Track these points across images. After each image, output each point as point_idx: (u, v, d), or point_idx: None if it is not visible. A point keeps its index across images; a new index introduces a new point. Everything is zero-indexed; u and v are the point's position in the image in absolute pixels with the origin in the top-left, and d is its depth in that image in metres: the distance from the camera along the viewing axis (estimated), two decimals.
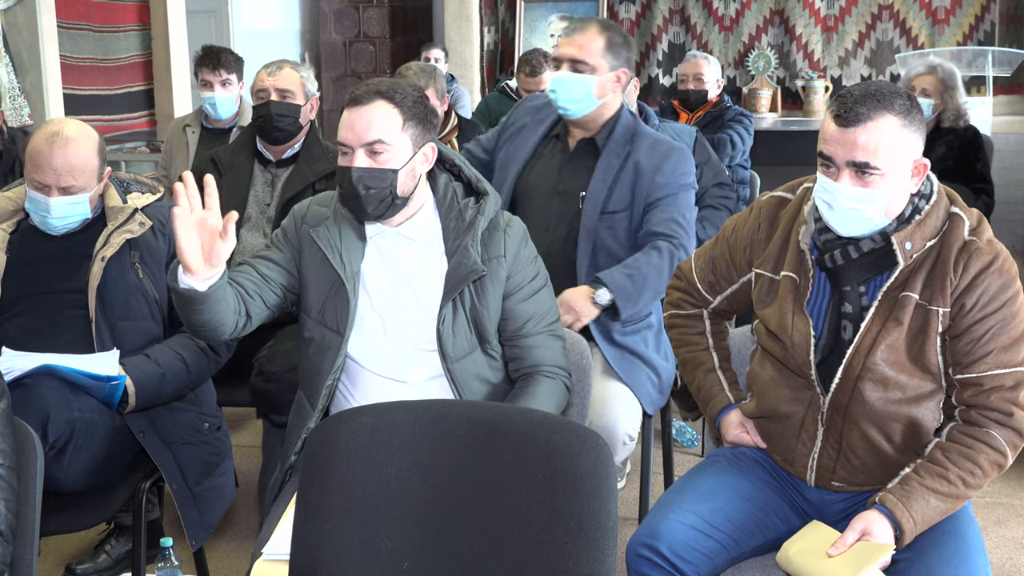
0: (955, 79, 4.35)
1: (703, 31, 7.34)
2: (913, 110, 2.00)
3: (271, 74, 3.54)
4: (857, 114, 1.96)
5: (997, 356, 2.01)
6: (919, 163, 2.02)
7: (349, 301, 2.27)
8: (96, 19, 6.26)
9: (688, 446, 4.00)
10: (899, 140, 1.97)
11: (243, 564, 3.09)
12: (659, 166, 2.87)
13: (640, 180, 2.87)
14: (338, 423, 1.88)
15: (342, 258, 2.28)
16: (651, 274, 2.78)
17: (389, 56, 7.55)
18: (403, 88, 2.24)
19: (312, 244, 2.30)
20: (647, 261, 2.79)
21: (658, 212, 2.85)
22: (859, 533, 2.00)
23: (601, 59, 2.88)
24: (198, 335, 2.25)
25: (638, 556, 2.04)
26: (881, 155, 1.96)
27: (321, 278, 2.30)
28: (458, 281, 2.27)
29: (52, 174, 2.55)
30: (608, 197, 2.89)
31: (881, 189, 1.98)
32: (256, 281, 2.29)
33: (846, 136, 1.97)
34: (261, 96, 3.52)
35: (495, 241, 2.32)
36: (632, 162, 2.89)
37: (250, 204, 3.45)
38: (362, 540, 1.81)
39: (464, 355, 2.29)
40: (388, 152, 2.20)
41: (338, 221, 2.31)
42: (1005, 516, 3.46)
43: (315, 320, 2.31)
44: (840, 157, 1.99)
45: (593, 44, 2.89)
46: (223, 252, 2.03)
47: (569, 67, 2.89)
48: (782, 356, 2.17)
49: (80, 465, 2.45)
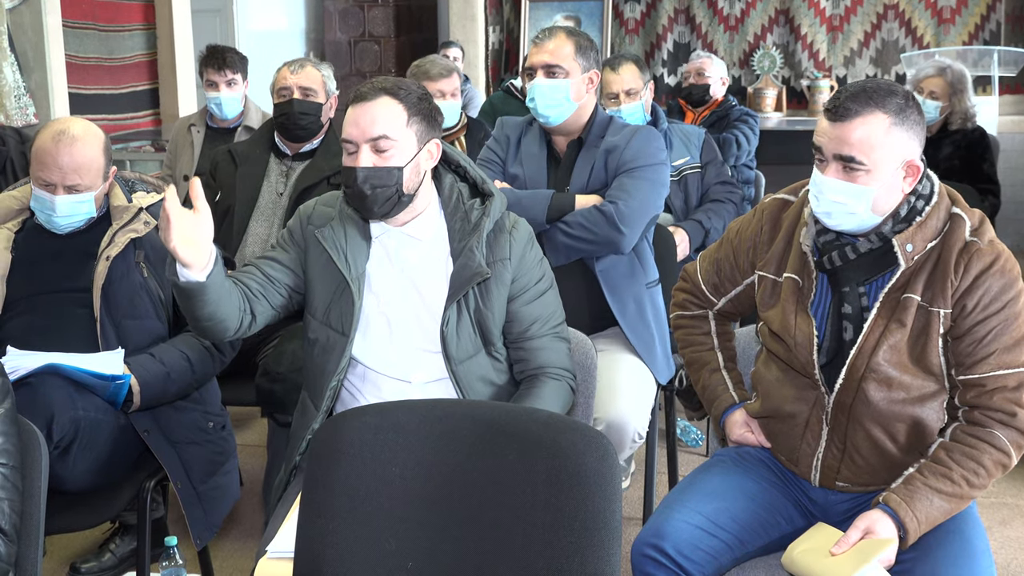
0: (964, 82, 4.33)
1: (708, 30, 7.34)
2: (908, 110, 1.99)
3: (294, 72, 3.55)
4: (847, 109, 1.98)
5: (999, 357, 2.01)
6: (912, 164, 2.02)
7: (354, 303, 2.26)
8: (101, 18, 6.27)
9: (692, 446, 4.00)
10: (887, 138, 1.98)
11: (248, 563, 3.10)
12: (627, 143, 2.97)
13: (611, 157, 2.97)
14: (342, 422, 1.88)
15: (347, 259, 2.28)
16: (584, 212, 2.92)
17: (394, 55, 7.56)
18: (407, 85, 2.25)
19: (317, 245, 2.30)
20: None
21: (618, 179, 2.95)
22: (862, 532, 2.00)
23: (573, 62, 2.96)
24: (204, 333, 2.26)
25: (643, 556, 2.04)
26: (867, 151, 1.98)
27: (326, 279, 2.30)
28: (462, 283, 2.27)
29: (58, 173, 2.55)
30: (588, 181, 2.98)
31: (867, 184, 1.99)
32: (261, 281, 2.29)
33: (835, 130, 2.00)
34: (283, 94, 3.53)
35: (500, 243, 2.32)
36: (604, 148, 2.99)
37: (263, 194, 3.48)
38: (366, 539, 1.81)
39: (468, 357, 2.29)
40: (393, 148, 2.21)
41: (343, 221, 2.31)
42: (1010, 516, 3.46)
43: (320, 321, 2.31)
44: (828, 150, 2.01)
45: (563, 49, 2.96)
46: (204, 229, 2.06)
47: (544, 74, 2.96)
48: (786, 357, 2.17)
49: (85, 464, 2.45)
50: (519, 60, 7.39)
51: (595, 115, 3.04)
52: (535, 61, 2.97)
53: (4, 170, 3.69)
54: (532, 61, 2.99)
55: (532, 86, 2.96)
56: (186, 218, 2.04)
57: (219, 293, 2.14)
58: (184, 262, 2.05)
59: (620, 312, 2.95)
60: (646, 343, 2.98)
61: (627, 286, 2.97)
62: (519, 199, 2.91)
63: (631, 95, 3.82)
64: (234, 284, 2.23)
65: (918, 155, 2.03)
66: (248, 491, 3.53)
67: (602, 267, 2.95)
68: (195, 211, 2.05)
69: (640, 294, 2.99)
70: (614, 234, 2.88)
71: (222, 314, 2.17)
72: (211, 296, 2.12)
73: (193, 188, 2.07)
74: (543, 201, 2.92)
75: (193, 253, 2.05)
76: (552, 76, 2.94)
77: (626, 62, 3.89)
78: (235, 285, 2.23)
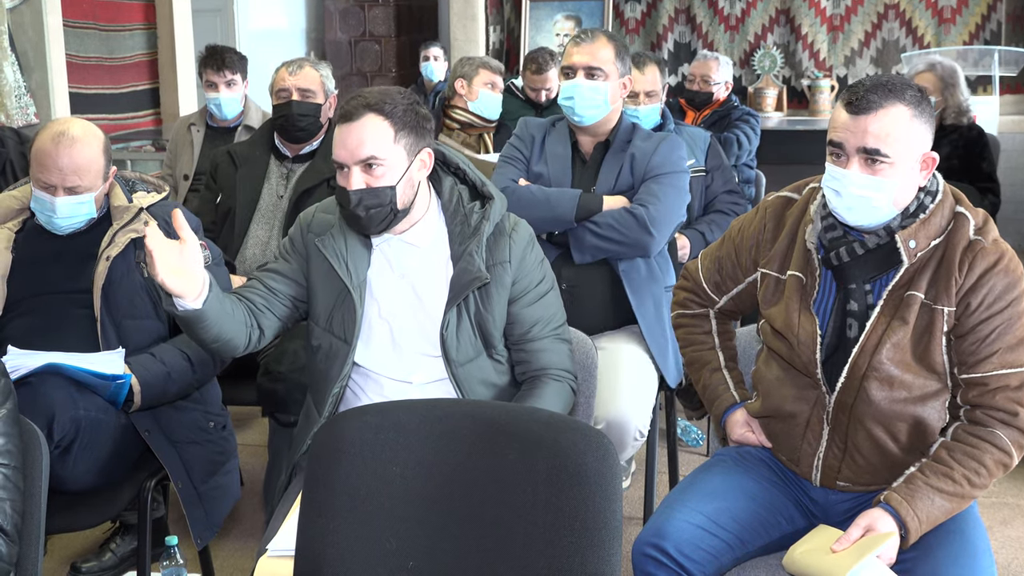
0: (955, 76, 4.34)
1: (709, 30, 7.33)
2: (923, 102, 2.00)
3: (292, 73, 3.53)
4: (869, 101, 1.97)
5: (1002, 356, 2.01)
6: (928, 156, 2.02)
7: (356, 310, 2.27)
8: (102, 18, 6.26)
9: (693, 446, 4.00)
10: (909, 130, 1.98)
11: (248, 563, 3.10)
12: (655, 149, 3.02)
13: (637, 162, 3.02)
14: (343, 422, 1.88)
15: (348, 267, 2.28)
16: (615, 214, 2.96)
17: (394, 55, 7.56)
18: (392, 98, 2.22)
19: (319, 253, 2.30)
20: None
21: (645, 184, 3.01)
22: (863, 529, 2.00)
23: (612, 66, 3.02)
24: (215, 355, 2.27)
25: (644, 555, 2.04)
26: (892, 143, 1.97)
27: (328, 287, 2.30)
28: (462, 288, 2.27)
29: (58, 174, 2.55)
30: (615, 183, 3.02)
31: (890, 178, 1.99)
32: (263, 295, 2.30)
33: (857, 123, 1.99)
34: (282, 96, 3.51)
35: (500, 246, 2.31)
36: (630, 153, 3.03)
37: (263, 196, 3.47)
38: (367, 539, 1.81)
39: (469, 360, 2.29)
40: (382, 167, 2.20)
41: (343, 229, 2.31)
42: (1011, 516, 3.46)
43: (323, 328, 2.31)
44: (851, 144, 2.00)
45: (605, 52, 3.02)
46: (191, 257, 2.05)
47: (585, 74, 3.00)
48: (788, 355, 2.17)
49: (85, 464, 2.45)
50: (519, 60, 7.38)
51: (621, 119, 3.10)
52: (576, 61, 3.02)
53: (4, 171, 3.69)
54: (572, 61, 3.03)
55: (572, 86, 3.00)
56: (171, 249, 2.03)
57: (219, 316, 2.14)
58: (174, 293, 2.04)
59: (640, 311, 2.99)
60: (660, 345, 3.01)
61: (648, 287, 3.02)
62: (547, 196, 2.96)
63: (651, 96, 3.82)
64: (237, 301, 2.23)
65: (931, 148, 2.04)
66: (248, 491, 3.53)
67: (624, 267, 2.99)
68: (181, 241, 2.05)
69: (659, 295, 3.03)
70: (645, 237, 2.92)
71: (228, 334, 2.18)
72: (211, 321, 2.12)
73: (176, 220, 2.06)
74: (571, 200, 2.96)
75: (183, 283, 2.04)
76: (592, 78, 3.00)
77: (651, 63, 3.87)
78: (239, 302, 2.23)
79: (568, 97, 3.01)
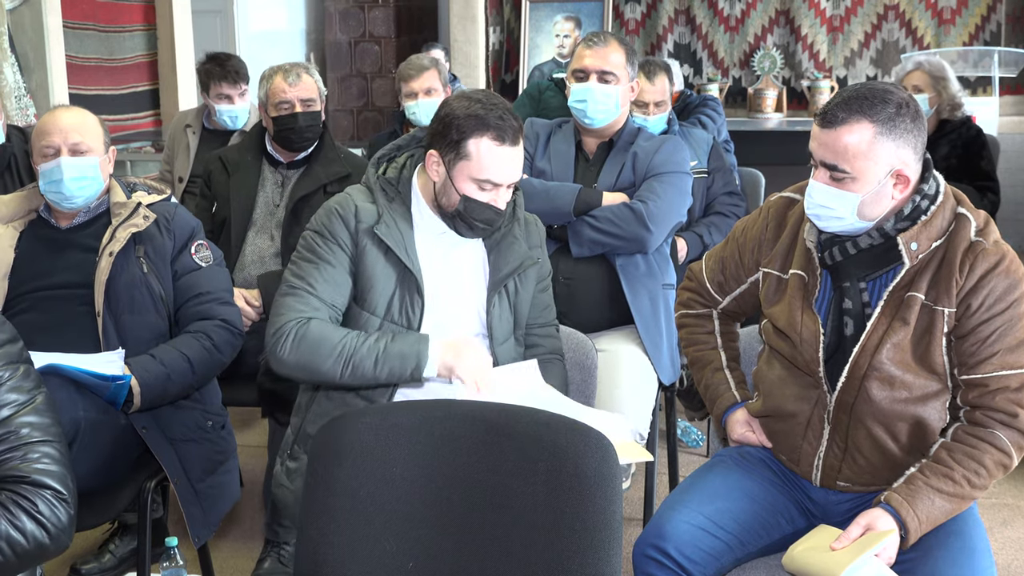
0: (944, 71, 4.36)
1: (708, 31, 7.33)
2: (899, 118, 1.98)
3: (292, 84, 3.41)
4: (835, 116, 2.00)
5: (1003, 357, 2.01)
6: (901, 173, 2.01)
7: (422, 293, 2.30)
8: (102, 19, 6.26)
9: (693, 446, 4.00)
10: (872, 147, 1.98)
11: (248, 564, 3.10)
12: (658, 149, 3.09)
13: (639, 161, 3.07)
14: (343, 423, 1.88)
15: (407, 251, 2.31)
16: (614, 208, 3.01)
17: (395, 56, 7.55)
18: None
19: (376, 242, 2.30)
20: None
21: (646, 182, 3.05)
22: (863, 528, 2.00)
23: (623, 70, 3.09)
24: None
25: (645, 556, 2.04)
26: (850, 159, 1.99)
27: (387, 275, 2.31)
28: (512, 270, 2.35)
29: (59, 134, 2.64)
30: (616, 181, 3.08)
31: (852, 191, 2.01)
32: (339, 304, 2.32)
33: (823, 136, 2.02)
34: (284, 108, 3.39)
35: (531, 232, 2.44)
36: (632, 152, 3.09)
37: (259, 205, 3.41)
38: (367, 540, 1.81)
39: (504, 340, 2.38)
40: None
41: (392, 215, 2.33)
42: (1011, 517, 3.46)
43: (382, 318, 2.31)
44: (818, 155, 2.04)
45: (616, 56, 3.09)
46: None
47: (598, 78, 3.06)
48: (790, 354, 2.17)
49: (85, 464, 2.44)
50: (519, 60, 7.39)
51: (627, 121, 3.16)
52: (589, 65, 3.08)
53: (11, 167, 3.70)
54: (585, 64, 3.09)
55: (584, 88, 3.06)
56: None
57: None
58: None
59: (636, 307, 3.01)
60: (655, 341, 3.02)
61: (645, 283, 3.04)
62: (547, 189, 3.01)
63: (659, 106, 3.87)
64: (334, 322, 2.30)
65: (912, 163, 2.02)
66: (248, 491, 3.53)
67: (622, 262, 3.02)
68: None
69: (656, 293, 3.05)
70: (642, 232, 2.95)
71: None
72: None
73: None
74: (571, 193, 3.00)
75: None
76: (605, 82, 3.06)
77: (660, 72, 3.89)
78: (334, 320, 2.29)
79: (581, 100, 3.06)
